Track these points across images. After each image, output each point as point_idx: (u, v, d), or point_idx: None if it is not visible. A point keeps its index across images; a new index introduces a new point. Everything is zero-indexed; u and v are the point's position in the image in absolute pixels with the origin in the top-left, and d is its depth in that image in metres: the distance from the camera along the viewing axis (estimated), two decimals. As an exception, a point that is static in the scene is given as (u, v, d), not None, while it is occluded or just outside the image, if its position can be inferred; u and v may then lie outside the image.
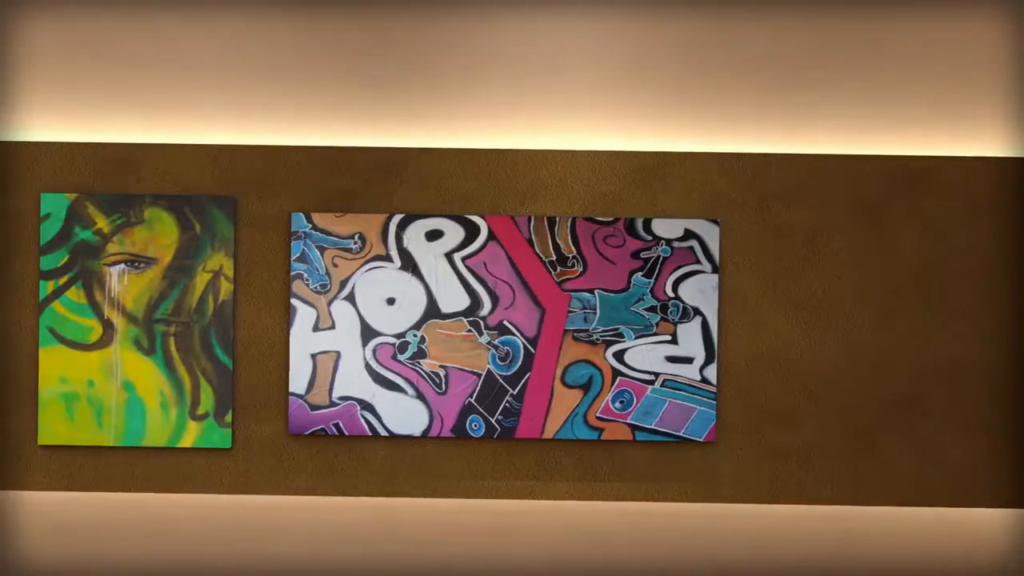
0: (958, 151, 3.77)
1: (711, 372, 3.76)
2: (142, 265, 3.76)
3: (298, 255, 3.75)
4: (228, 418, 3.77)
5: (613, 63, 3.28)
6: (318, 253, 3.76)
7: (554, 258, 3.76)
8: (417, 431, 3.76)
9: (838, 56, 2.83)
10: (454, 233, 3.76)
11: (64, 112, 3.63)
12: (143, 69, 3.44)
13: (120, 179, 3.77)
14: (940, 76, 3.00)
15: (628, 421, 3.76)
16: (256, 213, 3.77)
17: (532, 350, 3.76)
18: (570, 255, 3.76)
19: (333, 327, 3.77)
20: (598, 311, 3.76)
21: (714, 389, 3.76)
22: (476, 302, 3.76)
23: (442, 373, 3.76)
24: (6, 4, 2.79)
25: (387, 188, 3.77)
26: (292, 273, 3.76)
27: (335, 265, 3.76)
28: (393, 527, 3.71)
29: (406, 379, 3.76)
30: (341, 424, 3.76)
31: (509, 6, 2.65)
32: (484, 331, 3.75)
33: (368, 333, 3.76)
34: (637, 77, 3.28)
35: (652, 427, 3.76)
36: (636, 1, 2.57)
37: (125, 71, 3.45)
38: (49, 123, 3.70)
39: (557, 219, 3.75)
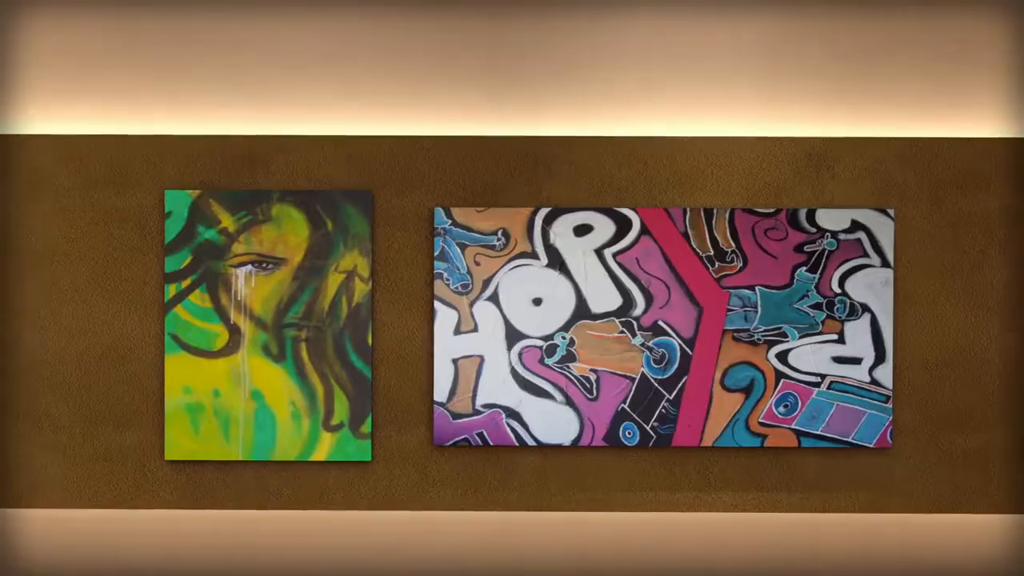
0: None
1: (881, 373, 3.60)
2: (270, 266, 3.61)
3: (437, 253, 3.60)
4: (364, 428, 3.61)
5: (777, 45, 3.14)
6: (459, 251, 3.61)
7: (712, 253, 3.60)
8: (567, 440, 3.60)
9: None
10: (604, 227, 3.61)
11: (187, 104, 3.50)
12: (271, 58, 3.31)
13: (247, 174, 3.62)
14: None
15: (793, 427, 3.60)
16: (393, 208, 3.62)
17: (689, 352, 3.60)
18: (729, 249, 3.60)
19: (476, 330, 3.61)
20: (759, 309, 3.60)
21: (885, 391, 3.59)
22: (629, 301, 3.60)
23: (593, 378, 3.60)
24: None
25: (533, 180, 3.62)
26: (434, 272, 3.61)
27: (477, 263, 3.61)
28: (544, 543, 3.56)
29: (554, 384, 3.61)
30: (486, 433, 3.61)
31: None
32: (637, 332, 3.60)
33: (513, 336, 3.61)
34: (801, 59, 3.14)
35: (818, 433, 3.60)
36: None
37: (252, 61, 3.33)
38: (173, 116, 3.56)
39: (715, 211, 3.60)
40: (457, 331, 3.62)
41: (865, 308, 3.61)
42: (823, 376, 3.60)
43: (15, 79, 3.42)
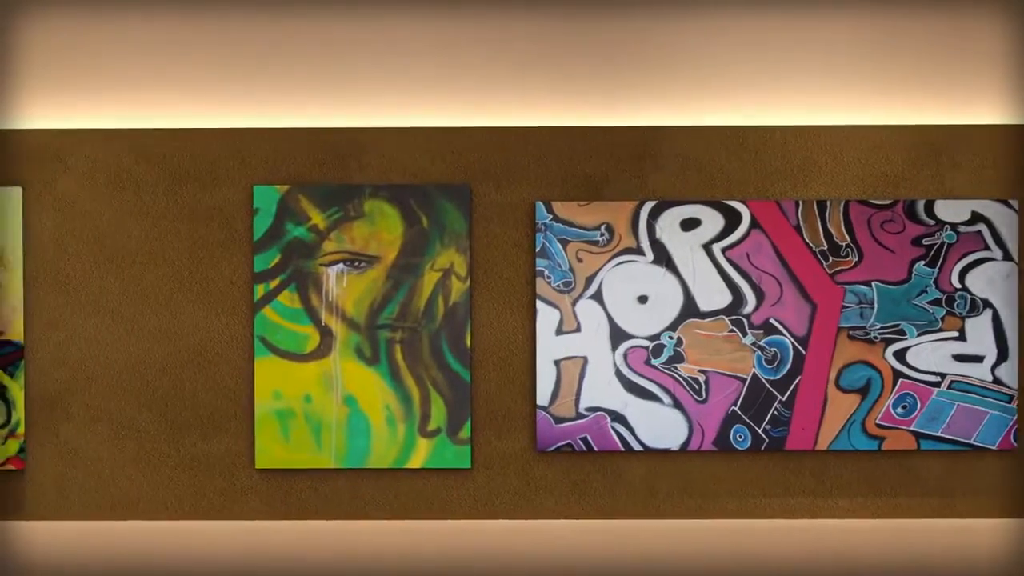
0: None
1: (1004, 372, 3.47)
2: (363, 264, 3.49)
3: (538, 249, 3.48)
4: (463, 434, 3.49)
5: (893, 30, 3.02)
6: (560, 247, 3.48)
7: (825, 247, 3.47)
8: (675, 444, 3.48)
9: None
10: (712, 221, 3.48)
11: (275, 96, 3.38)
12: (362, 48, 3.20)
13: (338, 168, 3.50)
14: None
15: (912, 428, 3.47)
16: (492, 203, 3.50)
17: (802, 351, 3.47)
18: (843, 243, 3.47)
19: (579, 329, 3.49)
20: (876, 305, 3.47)
21: (1008, 391, 3.47)
22: (738, 298, 3.48)
23: (702, 379, 3.48)
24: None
25: (638, 172, 3.49)
26: (535, 269, 3.49)
27: (580, 260, 3.49)
28: (653, 551, 3.44)
29: (661, 386, 3.48)
30: (590, 438, 3.48)
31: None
32: (748, 331, 3.47)
33: (618, 335, 3.48)
34: (919, 46, 3.02)
35: (939, 434, 3.47)
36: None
37: (343, 51, 3.22)
38: (260, 108, 3.44)
39: (828, 203, 3.47)
40: (559, 331, 3.49)
41: (987, 304, 3.48)
42: (943, 375, 3.47)
43: (95, 72, 3.31)
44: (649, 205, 3.48)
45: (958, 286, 3.48)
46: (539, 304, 3.48)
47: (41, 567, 3.43)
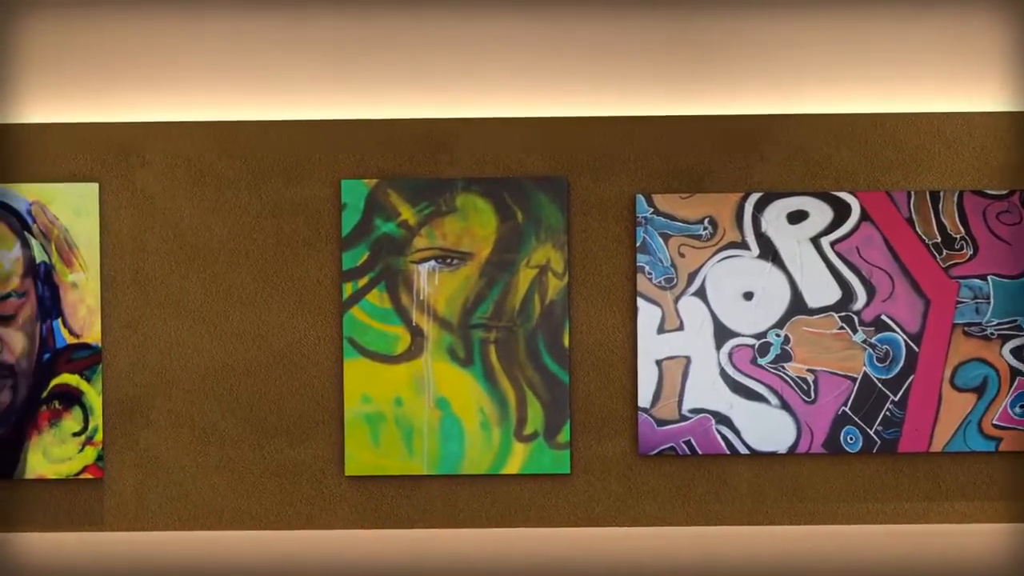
0: None
1: None
2: (455, 261, 3.37)
3: (639, 245, 3.36)
4: (561, 438, 3.37)
5: (1013, 13, 2.93)
6: (661, 242, 3.37)
7: (939, 240, 3.35)
8: (783, 447, 3.36)
9: None
10: (820, 213, 3.37)
11: (363, 85, 3.27)
12: (454, 35, 3.11)
13: (429, 161, 3.38)
14: None
15: (1030, 429, 3.35)
16: (590, 197, 3.38)
17: (915, 348, 3.35)
18: (958, 236, 3.35)
19: (681, 328, 3.37)
20: (992, 300, 3.35)
21: None
22: (848, 294, 3.36)
23: (810, 378, 3.36)
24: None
25: (743, 163, 3.38)
26: (635, 265, 3.37)
27: (682, 255, 3.37)
28: (761, 559, 3.33)
29: (768, 386, 3.36)
30: (694, 441, 3.37)
31: None
32: (859, 328, 3.35)
33: (722, 334, 3.37)
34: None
35: (1058, 435, 3.35)
36: None
37: (433, 39, 3.13)
38: (347, 99, 3.34)
39: (941, 194, 3.34)
40: (661, 330, 3.37)
41: (1108, 298, 3.36)
42: (1062, 373, 3.36)
43: (173, 62, 3.21)
44: (754, 197, 3.37)
45: (1078, 279, 3.36)
46: (640, 302, 3.37)
47: (122, 580, 3.33)
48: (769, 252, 3.37)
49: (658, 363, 3.37)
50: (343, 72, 3.28)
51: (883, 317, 3.36)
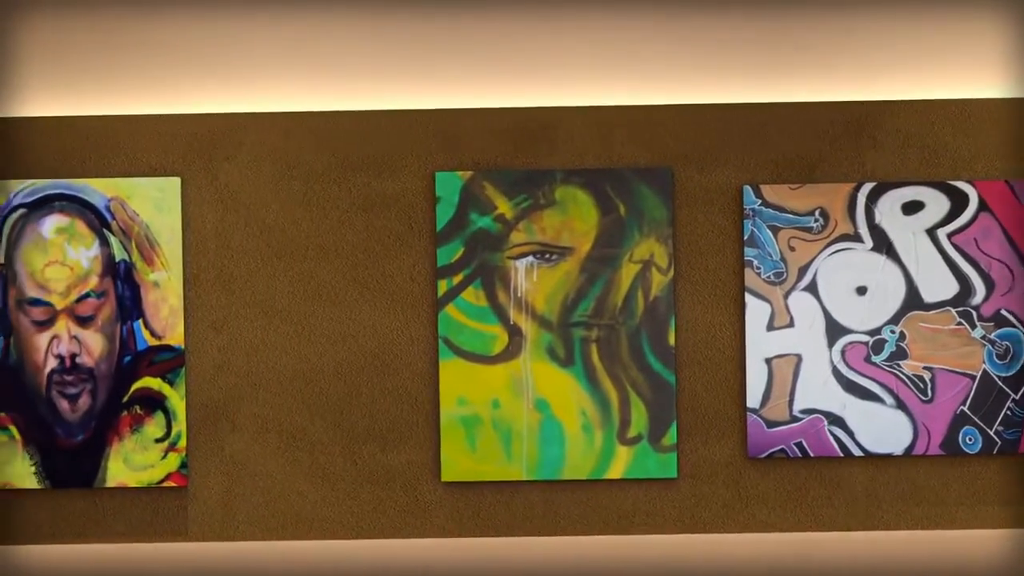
0: None
1: None
2: (554, 257, 3.25)
3: (746, 238, 3.24)
4: (667, 440, 3.24)
5: None
6: (770, 234, 3.24)
7: (1060, 230, 3.24)
8: (899, 449, 3.24)
9: None
10: (937, 204, 3.25)
11: (457, 73, 3.15)
12: (548, 20, 2.99)
13: (526, 152, 3.26)
14: None
15: None
16: (695, 188, 3.26)
17: (1037, 344, 3.24)
18: (1080, 226, 3.23)
19: (791, 324, 3.25)
20: (1117, 294, 3.23)
21: None
22: (966, 288, 3.24)
23: (927, 376, 3.24)
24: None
25: (855, 151, 3.26)
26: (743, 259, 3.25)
27: (792, 248, 3.25)
28: (877, 565, 3.21)
29: (883, 385, 3.24)
30: (805, 443, 3.24)
31: None
32: (977, 323, 3.24)
33: (835, 330, 3.25)
34: None
35: None
36: None
37: (528, 24, 3.01)
38: (438, 87, 3.22)
39: (1063, 182, 3.23)
40: (770, 326, 3.25)
41: None
42: None
43: (258, 51, 3.09)
44: (867, 187, 3.24)
45: None
46: (748, 297, 3.24)
47: (209, 593, 3.21)
48: (883, 244, 3.25)
49: (767, 362, 3.25)
50: (436, 60, 3.16)
51: (1003, 312, 3.24)
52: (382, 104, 3.27)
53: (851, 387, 3.25)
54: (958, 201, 3.24)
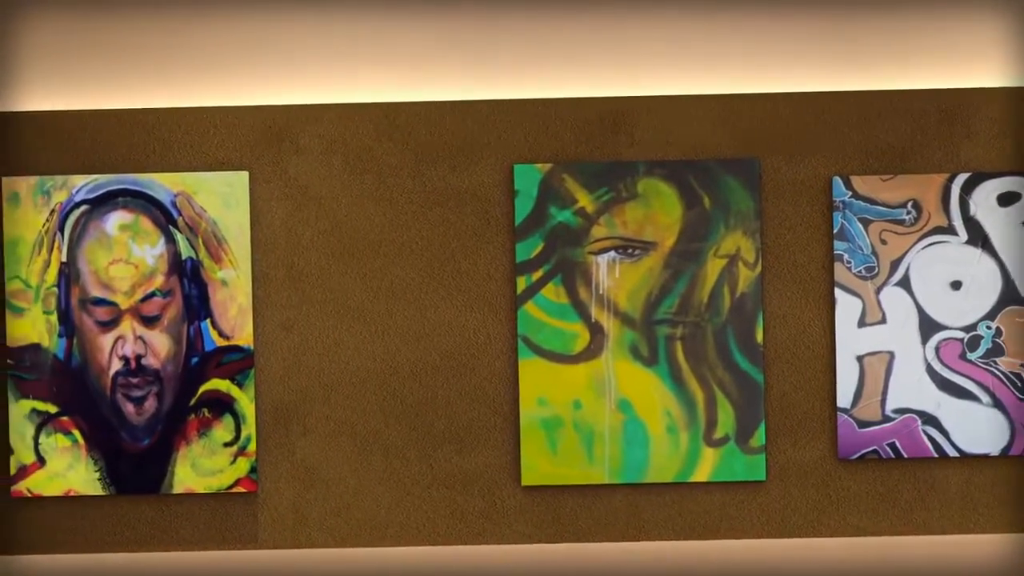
0: None
1: None
2: (637, 252, 3.14)
3: (836, 231, 3.14)
4: (755, 442, 3.14)
5: None
6: (861, 227, 3.14)
7: None
8: (995, 449, 3.15)
9: None
10: (1034, 195, 3.15)
11: (535, 61, 3.06)
12: (633, 5, 2.89)
13: (607, 142, 3.16)
14: None
15: None
16: (783, 180, 3.16)
17: None
18: None
19: (884, 321, 3.15)
20: None
21: None
22: (1065, 282, 3.15)
23: (1025, 374, 3.15)
24: None
25: (949, 141, 3.16)
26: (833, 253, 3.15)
27: (883, 242, 3.15)
28: (976, 570, 3.10)
29: (979, 383, 3.15)
30: (898, 444, 3.14)
31: None
32: (1076, 318, 3.14)
33: (928, 327, 3.15)
34: None
35: None
36: None
37: (606, 10, 2.91)
38: (518, 77, 3.12)
39: None
40: (861, 323, 3.15)
41: None
42: None
43: (327, 41, 2.99)
44: (962, 178, 3.14)
45: None
46: (838, 293, 3.14)
47: (282, 602, 3.11)
48: (978, 237, 3.15)
49: (859, 359, 3.15)
50: (512, 48, 3.06)
51: (1103, 306, 3.14)
52: (458, 94, 3.17)
53: (946, 385, 3.14)
54: (1056, 192, 3.15)
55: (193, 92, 3.14)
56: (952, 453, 3.14)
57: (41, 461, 3.13)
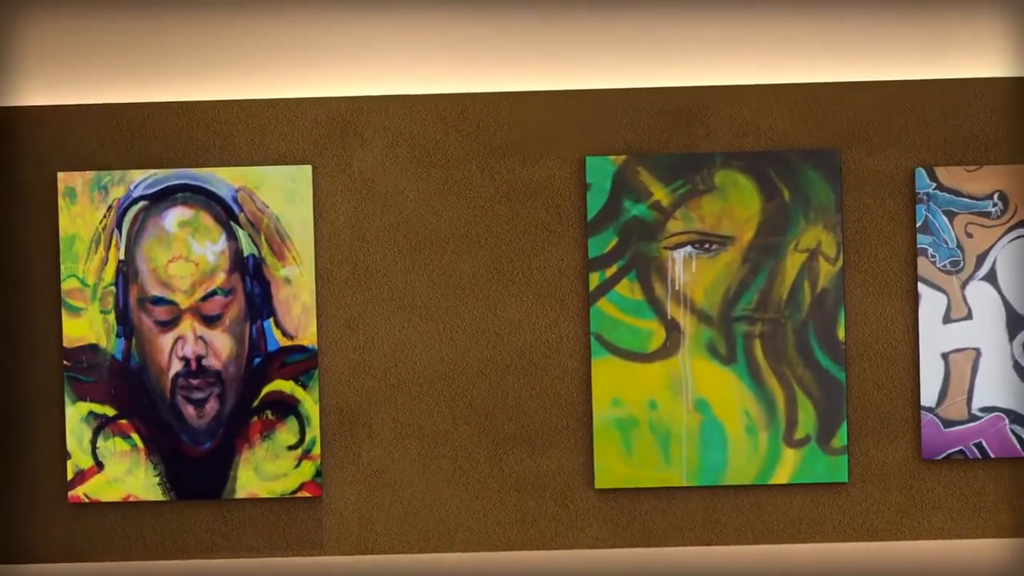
0: None
1: None
2: (714, 246, 3.05)
3: (920, 224, 3.04)
4: (836, 442, 3.05)
5: None
6: (946, 220, 3.05)
7: None
8: (1085, 449, 3.05)
9: None
10: (1124, 185, 3.06)
11: (606, 49, 2.97)
12: None
13: (682, 133, 3.07)
14: None
15: None
16: (865, 171, 3.07)
17: None
18: None
19: (969, 317, 3.06)
20: None
21: None
22: None
23: (1115, 371, 3.05)
24: None
25: (1036, 129, 3.06)
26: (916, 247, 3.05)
27: (969, 235, 3.06)
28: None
29: (1068, 381, 3.06)
30: (985, 443, 3.05)
31: None
32: None
33: (1016, 322, 3.07)
34: None
35: None
36: None
37: None
38: (589, 67, 3.03)
39: None
40: (946, 319, 3.06)
41: None
42: None
43: (393, 30, 2.90)
44: (1050, 168, 3.06)
45: None
46: (922, 288, 3.05)
47: (350, 611, 3.02)
48: (1067, 230, 3.06)
49: (944, 356, 3.06)
50: (584, 36, 2.97)
51: None
52: (527, 84, 3.07)
53: (1034, 383, 3.06)
54: None
55: (254, 83, 3.05)
56: (1040, 453, 3.06)
57: (99, 466, 3.04)
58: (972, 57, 3.03)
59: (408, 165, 3.07)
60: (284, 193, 3.05)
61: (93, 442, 3.04)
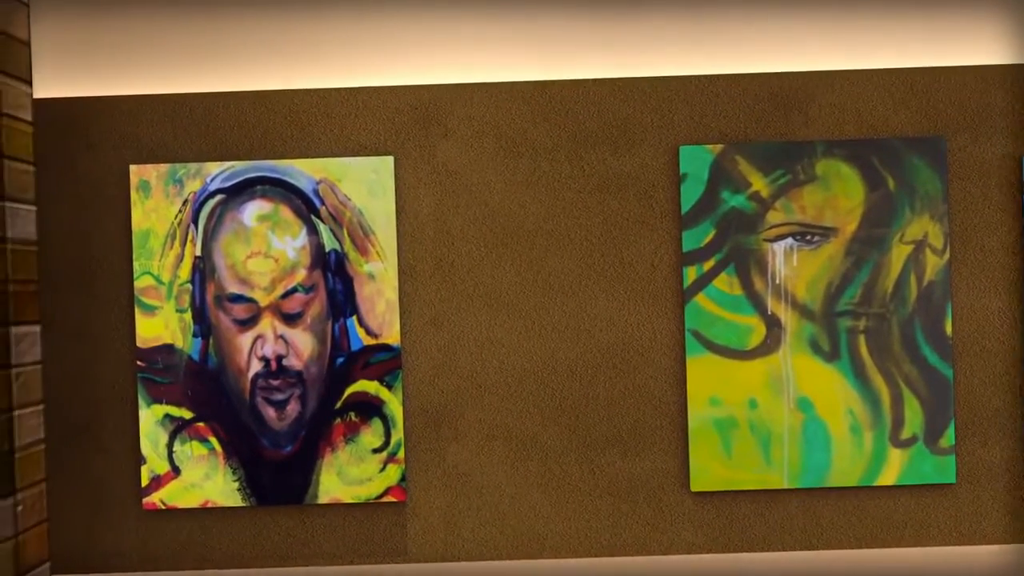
0: None
1: None
2: (816, 238, 2.94)
3: (1030, 213, 2.93)
4: (944, 442, 2.93)
5: None
6: (1057, 209, 2.94)
7: None
8: None
9: None
10: None
11: (700, 35, 2.86)
12: None
13: (780, 121, 2.95)
14: None
15: None
16: (971, 159, 2.95)
17: None
18: None
19: (1082, 310, 2.94)
20: None
21: None
22: None
23: None
24: None
25: None
26: (1028, 238, 2.94)
27: (1082, 224, 2.94)
28: None
29: None
30: (1100, 443, 2.93)
31: None
32: None
33: None
34: None
35: None
36: None
37: None
38: (682, 52, 2.92)
39: None
40: (1058, 313, 2.94)
41: None
42: None
43: (476, 17, 2.81)
44: None
45: None
46: None
47: (438, 620, 2.91)
48: None
49: (1056, 352, 2.95)
50: (677, 21, 2.87)
51: None
52: (618, 71, 2.96)
53: None
54: None
55: (334, 72, 2.95)
56: None
57: (175, 471, 2.94)
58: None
59: (494, 155, 2.96)
60: (366, 185, 2.94)
61: (169, 446, 2.94)
